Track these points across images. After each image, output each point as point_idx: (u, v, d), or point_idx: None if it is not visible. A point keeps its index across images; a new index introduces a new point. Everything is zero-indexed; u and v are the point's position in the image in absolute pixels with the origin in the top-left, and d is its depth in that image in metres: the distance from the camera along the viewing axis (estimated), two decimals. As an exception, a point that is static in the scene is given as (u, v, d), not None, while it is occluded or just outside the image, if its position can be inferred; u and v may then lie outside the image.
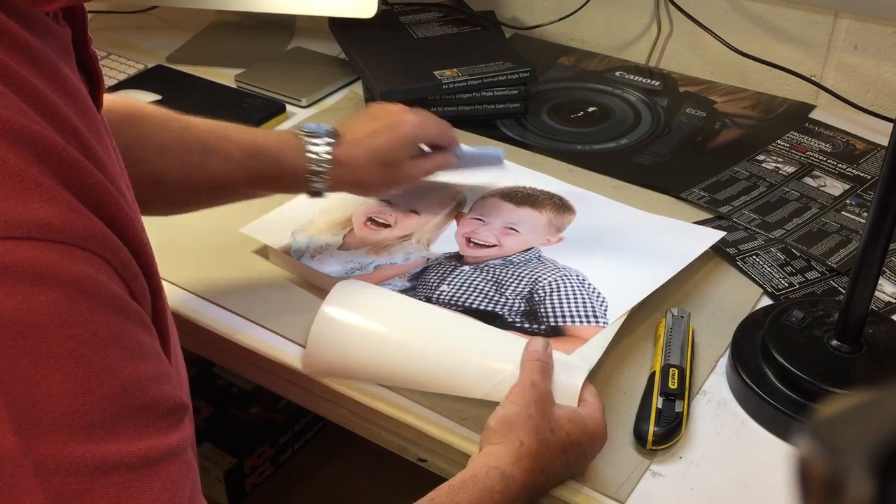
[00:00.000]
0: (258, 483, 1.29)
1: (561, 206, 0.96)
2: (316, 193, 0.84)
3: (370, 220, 0.93)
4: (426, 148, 0.89)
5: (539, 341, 0.72)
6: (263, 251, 0.91)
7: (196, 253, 0.89)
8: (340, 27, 1.27)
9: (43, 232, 0.41)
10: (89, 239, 0.43)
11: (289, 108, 1.18)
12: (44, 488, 0.40)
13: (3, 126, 0.42)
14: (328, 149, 0.82)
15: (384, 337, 0.76)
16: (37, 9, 0.48)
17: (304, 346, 0.80)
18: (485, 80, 1.13)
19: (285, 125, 1.15)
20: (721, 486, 0.69)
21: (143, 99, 1.15)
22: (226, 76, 1.25)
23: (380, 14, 1.18)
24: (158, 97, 1.16)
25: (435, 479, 0.75)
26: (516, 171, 1.03)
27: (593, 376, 0.74)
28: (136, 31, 1.39)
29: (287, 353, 0.80)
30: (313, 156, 0.82)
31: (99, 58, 0.58)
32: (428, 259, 0.88)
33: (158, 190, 0.78)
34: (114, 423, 0.43)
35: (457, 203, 0.96)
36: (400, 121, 0.86)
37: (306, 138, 0.82)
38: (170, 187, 0.79)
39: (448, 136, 0.90)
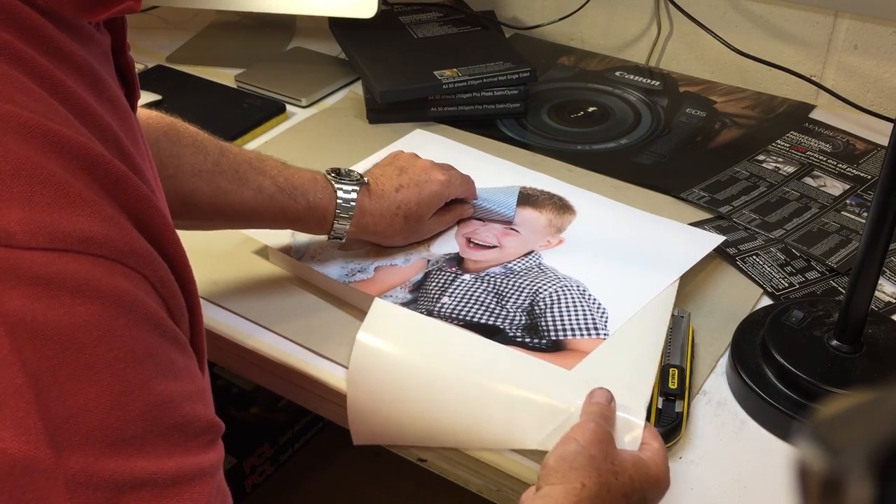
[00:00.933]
0: (258, 483, 1.29)
1: (561, 207, 0.96)
2: (336, 237, 0.84)
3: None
4: None
5: (603, 392, 0.69)
6: (264, 251, 0.91)
7: (196, 253, 0.89)
8: (340, 27, 1.27)
9: (85, 245, 0.42)
10: (130, 255, 0.43)
11: (289, 108, 1.18)
12: (73, 502, 0.40)
13: (52, 139, 0.42)
14: (354, 196, 0.83)
15: (428, 392, 0.73)
16: (83, 20, 0.48)
17: (305, 347, 0.80)
18: (485, 80, 1.13)
19: (285, 125, 1.15)
20: (721, 486, 0.69)
21: (143, 99, 1.15)
22: (226, 76, 1.25)
23: (380, 14, 1.18)
24: (158, 97, 1.16)
25: (435, 479, 0.75)
26: (516, 171, 1.03)
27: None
28: (136, 31, 1.39)
29: (287, 353, 0.80)
30: (341, 201, 0.82)
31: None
32: (429, 261, 0.88)
33: (185, 208, 0.78)
34: (145, 439, 0.43)
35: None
36: (428, 179, 0.87)
37: (336, 183, 0.83)
38: (197, 208, 0.79)
39: (470, 190, 0.92)
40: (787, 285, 0.87)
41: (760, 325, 0.78)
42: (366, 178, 0.85)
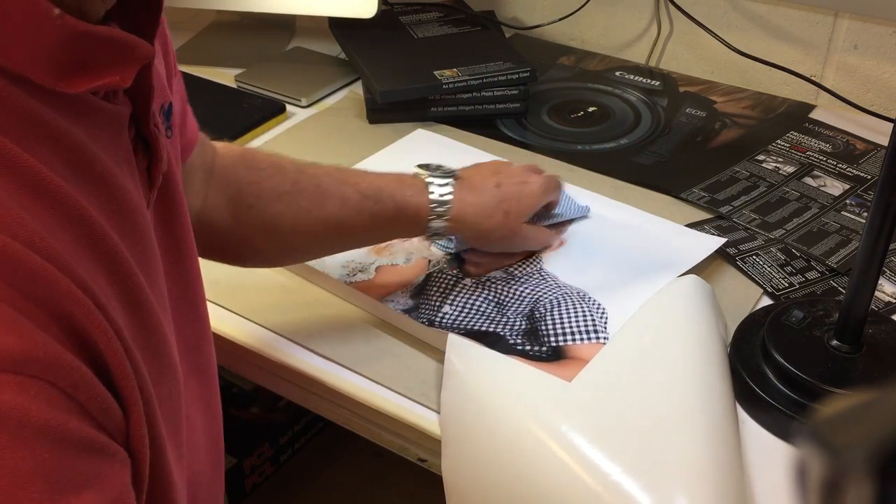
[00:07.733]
0: (258, 483, 1.29)
1: (561, 207, 0.96)
2: (435, 235, 0.81)
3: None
4: None
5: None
6: (263, 251, 0.91)
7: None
8: (340, 27, 1.27)
9: None
10: (28, 363, 0.39)
11: (289, 108, 1.18)
12: None
13: None
14: (450, 189, 0.79)
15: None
16: (62, 90, 0.45)
17: (306, 347, 0.80)
18: (485, 80, 1.13)
19: (285, 125, 1.15)
20: (721, 486, 0.68)
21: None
22: (226, 76, 1.25)
23: (380, 14, 1.18)
24: (158, 97, 1.16)
25: (435, 479, 0.75)
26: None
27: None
28: (137, 31, 1.39)
29: (287, 352, 0.80)
30: (435, 194, 0.78)
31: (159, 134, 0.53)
32: (430, 261, 0.88)
33: (270, 237, 0.76)
34: None
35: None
36: (526, 180, 0.84)
37: (428, 177, 0.80)
38: (282, 234, 0.76)
39: (558, 194, 0.90)
40: (787, 285, 0.87)
41: (760, 325, 0.78)
42: (458, 172, 0.82)
